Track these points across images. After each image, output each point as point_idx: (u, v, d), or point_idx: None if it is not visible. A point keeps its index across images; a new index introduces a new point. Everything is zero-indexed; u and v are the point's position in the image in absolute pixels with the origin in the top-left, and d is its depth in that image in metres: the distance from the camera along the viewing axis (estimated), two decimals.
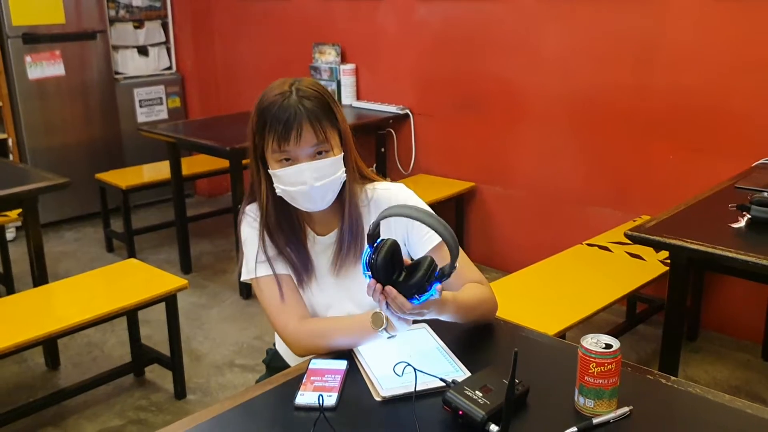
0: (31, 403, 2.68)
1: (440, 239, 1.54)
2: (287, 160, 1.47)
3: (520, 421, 1.23)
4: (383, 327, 1.37)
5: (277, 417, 1.28)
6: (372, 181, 1.63)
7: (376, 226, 1.30)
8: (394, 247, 1.30)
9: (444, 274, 1.29)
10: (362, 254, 1.31)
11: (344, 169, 1.52)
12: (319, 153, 1.47)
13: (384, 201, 1.58)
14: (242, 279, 1.59)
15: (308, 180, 1.46)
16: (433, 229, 1.27)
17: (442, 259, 1.50)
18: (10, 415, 2.58)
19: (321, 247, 1.60)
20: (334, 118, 1.51)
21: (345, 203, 1.56)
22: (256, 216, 1.58)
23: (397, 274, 1.30)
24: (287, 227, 1.56)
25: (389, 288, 1.28)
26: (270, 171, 1.51)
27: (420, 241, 1.57)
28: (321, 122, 1.46)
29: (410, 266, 1.32)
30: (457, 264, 1.29)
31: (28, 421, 2.66)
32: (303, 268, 1.57)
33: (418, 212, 1.29)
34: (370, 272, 1.29)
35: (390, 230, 1.56)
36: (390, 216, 1.31)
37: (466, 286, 1.54)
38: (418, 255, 1.57)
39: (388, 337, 1.40)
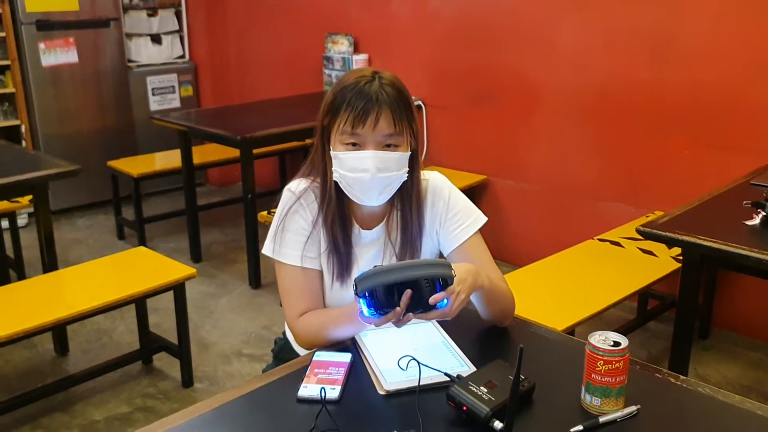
0: (40, 389, 2.69)
1: (468, 236, 1.56)
2: (354, 145, 1.44)
3: (525, 418, 1.21)
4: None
5: (280, 409, 1.27)
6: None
7: (363, 289, 1.25)
8: (387, 287, 1.26)
9: (447, 283, 1.28)
10: (358, 300, 1.27)
11: (407, 169, 1.49)
12: (389, 146, 1.45)
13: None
14: (265, 252, 1.56)
15: (370, 168, 1.42)
16: (410, 279, 1.25)
17: (466, 255, 1.52)
18: (19, 400, 2.60)
19: (365, 241, 1.57)
20: (411, 115, 1.48)
21: (395, 200, 1.54)
22: (308, 202, 1.54)
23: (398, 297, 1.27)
24: (339, 218, 1.52)
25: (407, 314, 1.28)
26: (332, 152, 1.47)
27: (448, 238, 1.58)
28: (400, 113, 1.44)
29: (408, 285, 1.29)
30: (455, 272, 1.29)
31: (37, 406, 2.68)
32: (346, 263, 1.54)
33: (390, 273, 1.26)
34: (379, 312, 1.27)
35: (425, 224, 1.57)
36: (370, 287, 1.25)
37: None
38: (446, 250, 1.58)
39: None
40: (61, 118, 4.77)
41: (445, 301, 1.28)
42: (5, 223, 3.82)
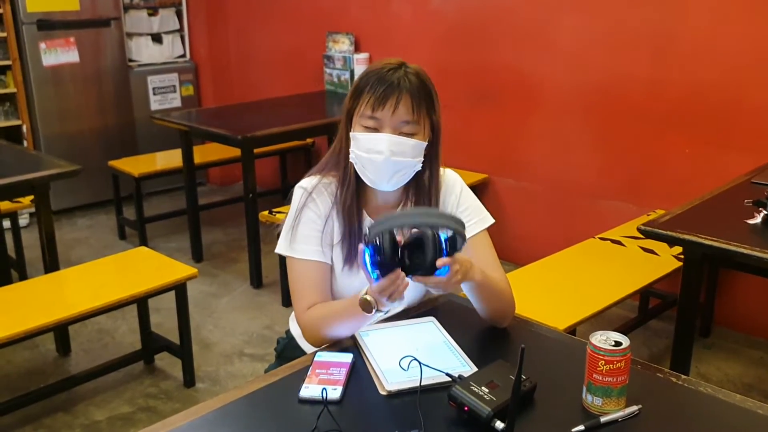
0: (42, 389, 2.69)
1: (475, 232, 1.57)
2: (373, 129, 1.47)
3: (526, 418, 1.21)
4: (374, 309, 1.34)
5: (282, 409, 1.27)
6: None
7: (375, 234, 1.27)
8: (394, 239, 1.28)
9: (456, 246, 1.29)
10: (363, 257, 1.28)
11: (422, 158, 1.51)
12: (406, 132, 1.46)
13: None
14: (278, 251, 1.57)
15: (384, 151, 1.45)
16: (430, 226, 1.27)
17: (472, 251, 1.50)
18: (21, 401, 2.60)
19: None
20: (432, 107, 1.50)
21: (410, 194, 1.55)
22: (318, 196, 1.56)
23: (400, 258, 1.28)
24: (353, 204, 1.54)
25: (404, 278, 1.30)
26: (351, 133, 1.50)
27: None
28: (420, 102, 1.46)
29: (412, 243, 1.30)
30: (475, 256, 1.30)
31: (39, 407, 2.68)
32: (355, 251, 1.53)
33: (412, 217, 1.30)
34: (378, 271, 1.28)
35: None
36: (389, 227, 1.27)
37: None
38: None
39: (384, 313, 1.39)
40: (62, 118, 4.77)
41: (447, 268, 1.28)
42: (7, 224, 3.82)
